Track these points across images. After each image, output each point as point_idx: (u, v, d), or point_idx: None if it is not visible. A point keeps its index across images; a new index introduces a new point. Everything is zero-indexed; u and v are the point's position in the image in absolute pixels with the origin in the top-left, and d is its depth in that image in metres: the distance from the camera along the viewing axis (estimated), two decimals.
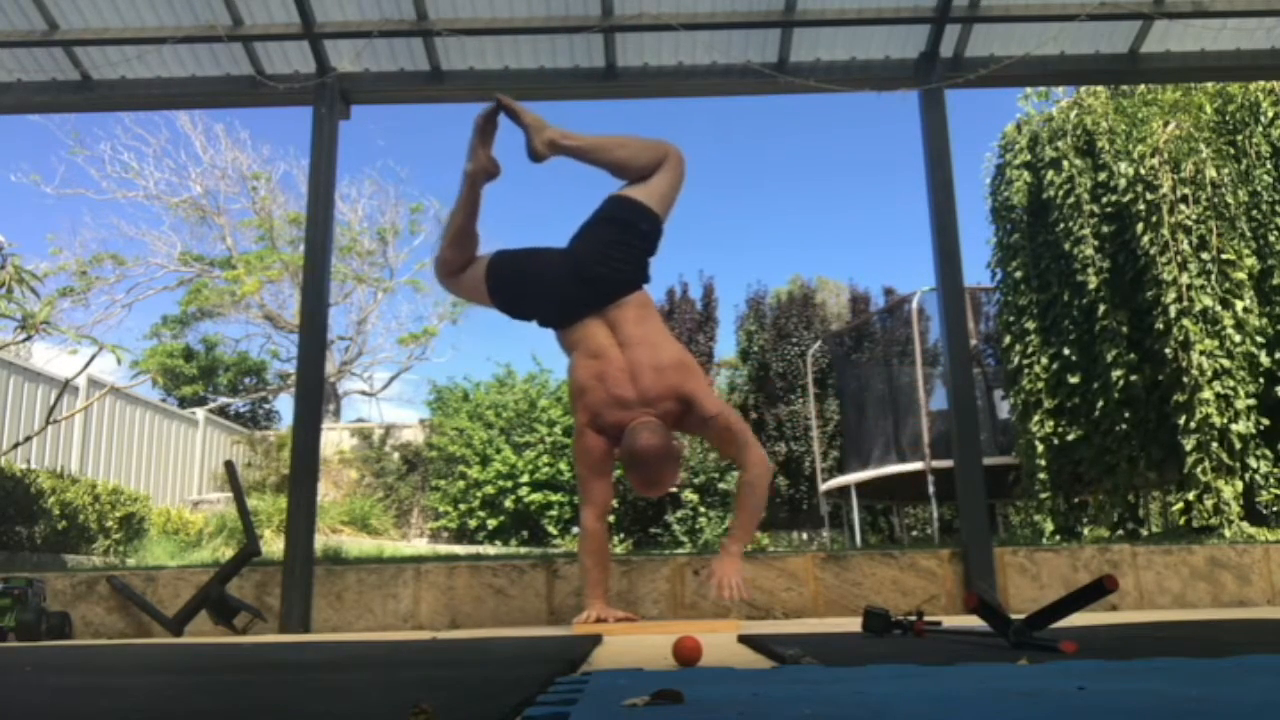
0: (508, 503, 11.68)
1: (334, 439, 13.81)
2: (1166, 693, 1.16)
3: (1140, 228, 6.26)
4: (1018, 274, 7.08)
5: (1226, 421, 5.75)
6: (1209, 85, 6.58)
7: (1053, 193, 6.84)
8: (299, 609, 3.99)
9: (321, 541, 7.00)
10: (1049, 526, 6.89)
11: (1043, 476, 6.80)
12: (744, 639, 2.48)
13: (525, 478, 11.68)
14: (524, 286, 3.55)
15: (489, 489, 11.79)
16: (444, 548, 10.17)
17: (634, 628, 3.22)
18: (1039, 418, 6.82)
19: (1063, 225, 6.75)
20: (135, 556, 8.32)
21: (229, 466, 4.47)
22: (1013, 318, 7.13)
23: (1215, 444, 5.74)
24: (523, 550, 10.55)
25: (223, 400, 17.69)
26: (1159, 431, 6.22)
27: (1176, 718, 0.95)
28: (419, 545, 11.27)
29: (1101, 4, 4.62)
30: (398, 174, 29.73)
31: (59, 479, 8.02)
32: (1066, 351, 6.69)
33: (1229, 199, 6.24)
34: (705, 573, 3.32)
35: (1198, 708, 1.02)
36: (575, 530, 10.29)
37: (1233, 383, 5.83)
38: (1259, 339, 6.00)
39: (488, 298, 3.60)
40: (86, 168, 18.66)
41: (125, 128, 16.99)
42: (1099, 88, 6.84)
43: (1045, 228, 6.96)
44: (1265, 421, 5.86)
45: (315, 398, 4.54)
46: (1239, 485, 5.66)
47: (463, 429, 12.43)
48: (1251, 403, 5.84)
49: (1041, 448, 6.78)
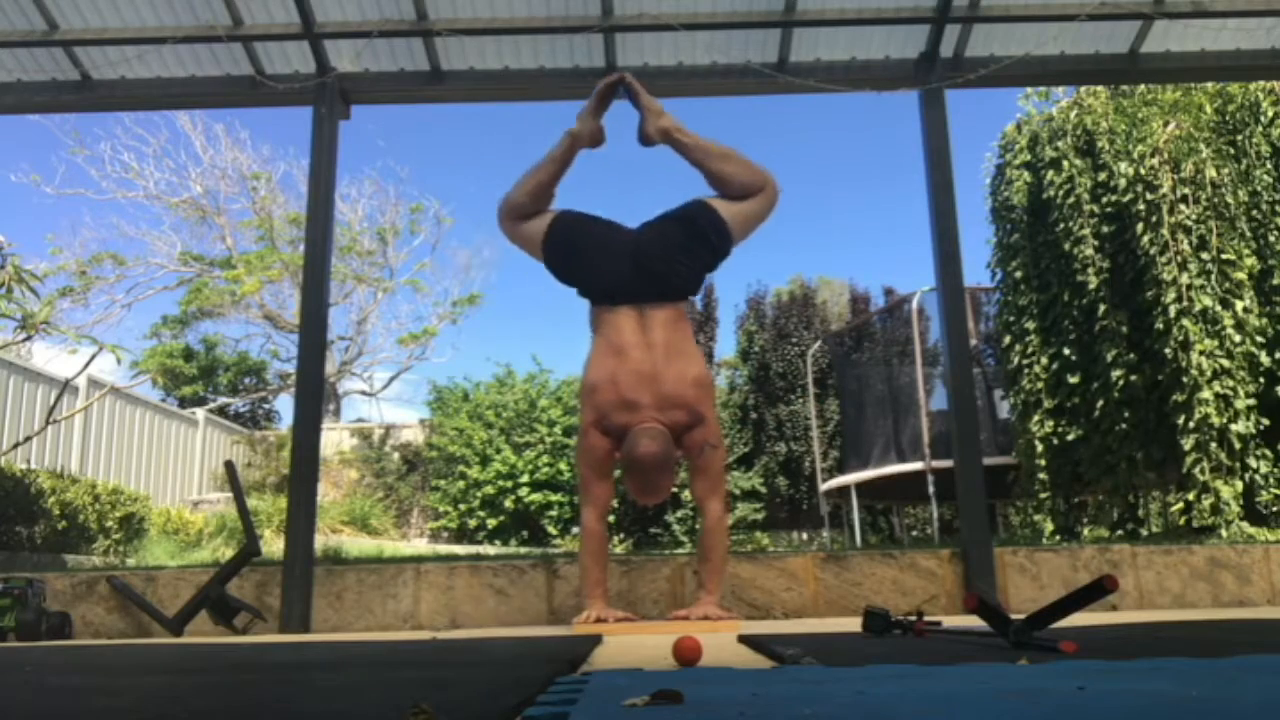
0: (508, 503, 11.69)
1: (334, 439, 13.81)
2: (1166, 693, 1.16)
3: (1140, 228, 6.27)
4: (1018, 274, 7.08)
5: (1226, 421, 5.75)
6: (1209, 85, 6.58)
7: (1053, 193, 6.84)
8: (299, 609, 3.99)
9: (321, 541, 7.00)
10: (1049, 526, 6.89)
11: (1042, 476, 6.80)
12: (744, 639, 2.48)
13: (525, 478, 11.68)
14: (580, 252, 3.54)
15: (489, 489, 11.79)
16: (444, 548, 10.17)
17: (634, 628, 3.22)
18: (1039, 418, 6.82)
19: (1063, 225, 6.76)
20: (135, 556, 8.32)
21: (229, 466, 4.47)
22: (1013, 318, 7.13)
23: (1214, 444, 5.74)
24: (523, 550, 10.55)
25: (223, 400, 17.69)
26: (1159, 431, 6.22)
27: (1176, 718, 0.95)
28: (419, 545, 11.27)
29: (1101, 4, 4.62)
30: (398, 174, 29.71)
31: (59, 479, 8.02)
32: (1066, 351, 6.69)
33: (1229, 199, 6.24)
34: (692, 611, 3.34)
35: (1198, 708, 1.02)
36: (575, 530, 10.30)
37: (1232, 383, 5.83)
38: (1259, 339, 6.00)
39: (540, 251, 3.59)
40: (86, 168, 18.62)
41: (125, 128, 17.00)
42: (1099, 88, 6.84)
43: (1045, 228, 6.96)
44: (1265, 421, 5.86)
45: (315, 398, 4.54)
46: (1239, 485, 5.66)
47: (463, 429, 12.44)
48: (1251, 403, 5.84)
49: (1041, 448, 6.78)
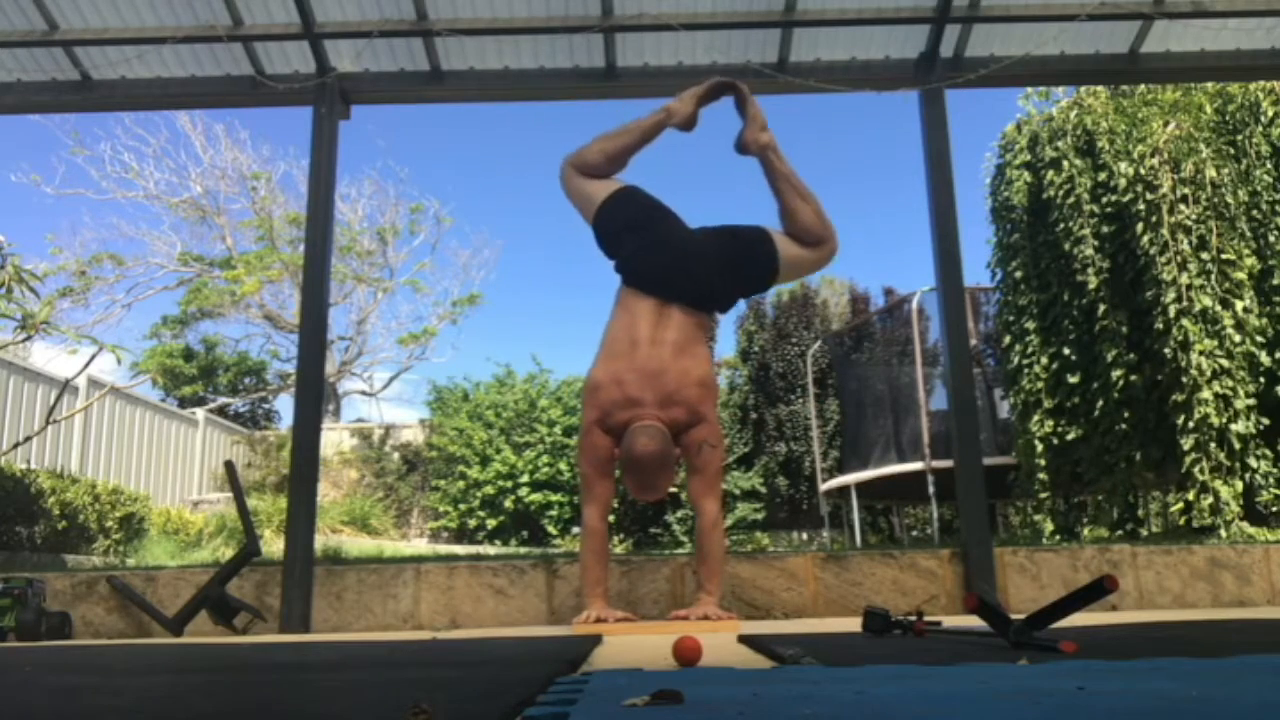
0: (508, 503, 11.69)
1: (334, 439, 13.81)
2: (1166, 693, 1.16)
3: (1140, 228, 6.26)
4: (1018, 274, 7.08)
5: (1225, 421, 5.75)
6: (1209, 85, 6.58)
7: (1053, 193, 6.84)
8: (299, 609, 3.99)
9: (321, 541, 7.00)
10: (1049, 526, 6.89)
11: (1042, 476, 6.80)
12: (744, 639, 2.48)
13: (525, 478, 11.69)
14: (634, 231, 3.56)
15: (489, 489, 11.80)
16: (444, 548, 10.17)
17: (634, 628, 3.22)
18: (1039, 417, 6.82)
19: (1063, 225, 6.75)
20: (135, 556, 8.31)
21: (229, 466, 4.46)
22: (1013, 318, 7.13)
23: (1214, 444, 5.74)
24: (523, 550, 10.55)
25: (223, 400, 17.68)
26: (1158, 431, 6.22)
27: (1176, 718, 0.95)
28: (419, 545, 11.27)
29: (1101, 4, 4.62)
30: (398, 174, 29.72)
31: (59, 479, 8.02)
32: (1066, 351, 6.69)
33: (1229, 199, 6.23)
34: (692, 611, 3.34)
35: (1198, 708, 1.02)
36: (575, 530, 10.31)
37: (1232, 383, 5.83)
38: (1259, 339, 6.00)
39: (593, 210, 3.61)
40: (86, 168, 18.63)
41: (125, 128, 17.00)
42: (1099, 88, 6.84)
43: (1045, 228, 6.96)
44: (1265, 421, 5.85)
45: (315, 398, 4.54)
46: (1238, 485, 5.66)
47: (463, 429, 12.44)
48: (1251, 403, 5.84)
49: (1041, 447, 6.78)
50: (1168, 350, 6.00)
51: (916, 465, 8.36)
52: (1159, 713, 0.99)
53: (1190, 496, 5.77)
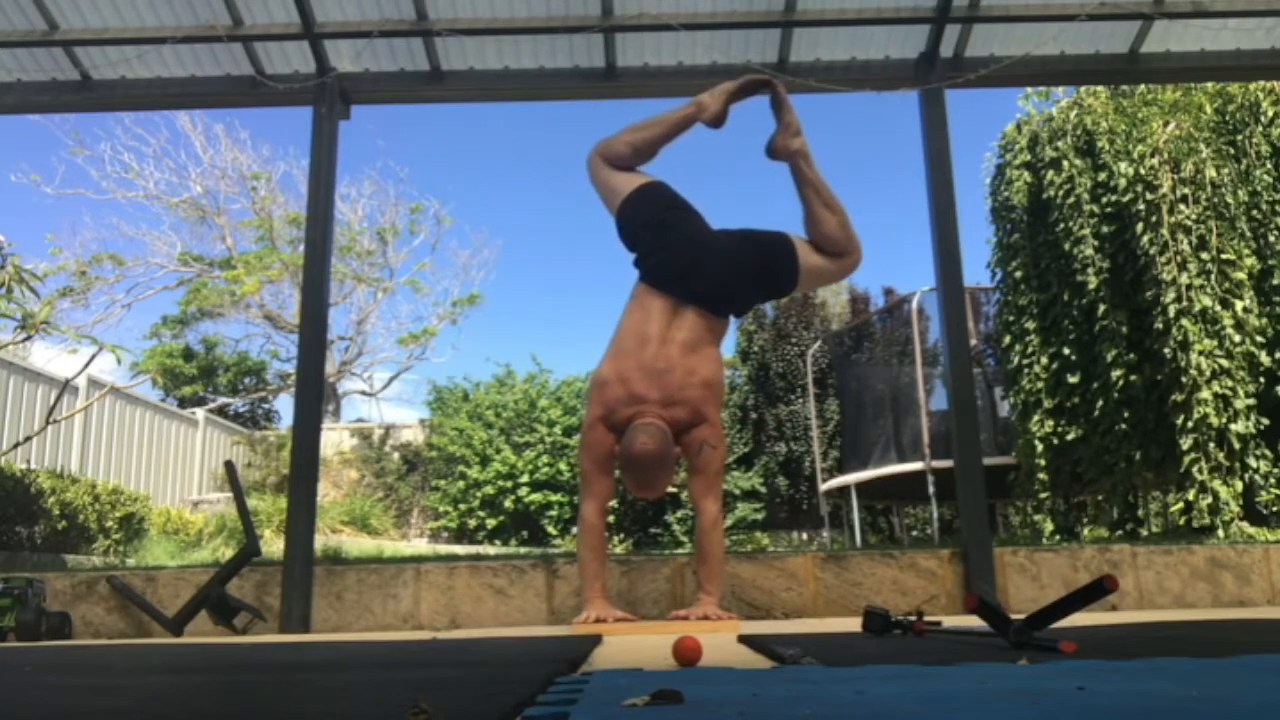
0: (508, 503, 11.69)
1: (334, 439, 13.81)
2: (1166, 693, 1.16)
3: (1140, 228, 6.26)
4: (1018, 274, 7.08)
5: (1225, 421, 5.75)
6: (1209, 85, 6.58)
7: (1053, 193, 6.84)
8: (299, 609, 3.99)
9: (321, 541, 7.00)
10: (1049, 526, 6.89)
11: (1042, 476, 6.80)
12: (744, 639, 2.48)
13: (525, 478, 11.69)
14: (657, 228, 3.54)
15: (489, 489, 11.80)
16: (444, 548, 10.17)
17: (634, 628, 3.22)
18: (1039, 417, 6.82)
19: (1063, 225, 6.76)
20: (135, 556, 8.31)
21: (229, 466, 4.47)
22: (1013, 318, 7.13)
23: (1214, 444, 5.74)
24: (523, 550, 10.55)
25: (222, 400, 17.68)
26: (1158, 431, 6.22)
27: (1176, 718, 0.95)
28: (419, 545, 11.27)
29: (1101, 4, 4.62)
30: (398, 174, 29.69)
31: (59, 479, 8.02)
32: (1066, 351, 6.69)
33: (1229, 199, 6.23)
34: (692, 611, 3.34)
35: (1198, 708, 1.02)
36: (575, 530, 10.29)
37: (1232, 383, 5.83)
38: (1259, 339, 6.00)
39: (618, 203, 3.60)
40: (86, 168, 18.64)
41: (125, 128, 17.00)
42: (1099, 88, 6.84)
43: (1045, 228, 6.96)
44: (1265, 421, 5.85)
45: (315, 398, 4.54)
46: (1238, 485, 5.66)
47: (463, 429, 12.44)
48: (1251, 403, 5.84)
49: (1041, 447, 6.78)
50: (1168, 350, 6.00)
51: (916, 465, 8.36)
52: (1159, 713, 0.99)
53: (1190, 496, 5.77)
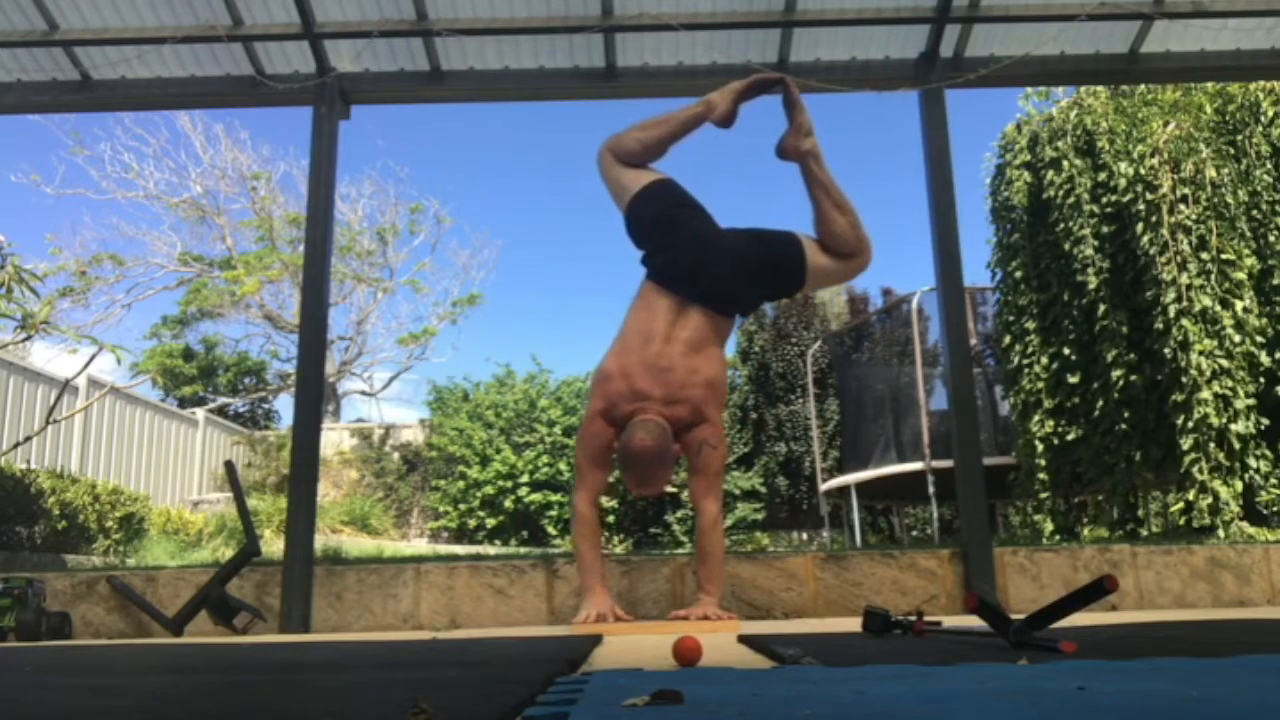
0: (507, 503, 11.69)
1: (334, 439, 13.81)
2: (1166, 693, 1.16)
3: (1140, 228, 6.27)
4: (1018, 274, 7.08)
5: (1225, 421, 5.75)
6: (1209, 85, 6.58)
7: (1053, 193, 6.84)
8: (299, 609, 3.99)
9: (321, 541, 7.00)
10: (1049, 526, 6.89)
11: (1042, 476, 6.80)
12: (744, 639, 2.48)
13: (525, 478, 11.69)
14: (664, 226, 3.53)
15: (489, 489, 11.80)
16: (444, 548, 10.17)
17: (634, 628, 3.22)
18: (1039, 417, 6.82)
19: (1063, 225, 6.76)
20: (135, 556, 8.31)
21: (229, 466, 4.47)
22: (1013, 318, 7.13)
23: (1214, 444, 5.74)
24: (523, 550, 10.55)
25: (222, 400, 17.68)
26: (1158, 431, 6.22)
27: (1176, 718, 0.95)
28: (419, 545, 11.27)
29: (1101, 4, 4.62)
30: (398, 174, 29.67)
31: (59, 479, 8.02)
32: (1066, 351, 6.69)
33: (1229, 199, 6.24)
34: (692, 611, 3.34)
35: (1198, 708, 1.02)
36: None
37: (1232, 383, 5.83)
38: (1259, 339, 6.00)
39: (627, 200, 3.58)
40: (86, 168, 18.64)
41: (125, 128, 17.00)
42: (1099, 88, 6.84)
43: (1045, 228, 6.96)
44: (1265, 421, 5.85)
45: (315, 398, 4.54)
46: (1238, 485, 5.66)
47: (463, 429, 12.44)
48: (1251, 403, 5.84)
49: (1041, 447, 6.78)
50: (1168, 350, 6.00)
51: (916, 465, 8.36)
52: (1159, 713, 0.99)
53: (1190, 496, 5.77)
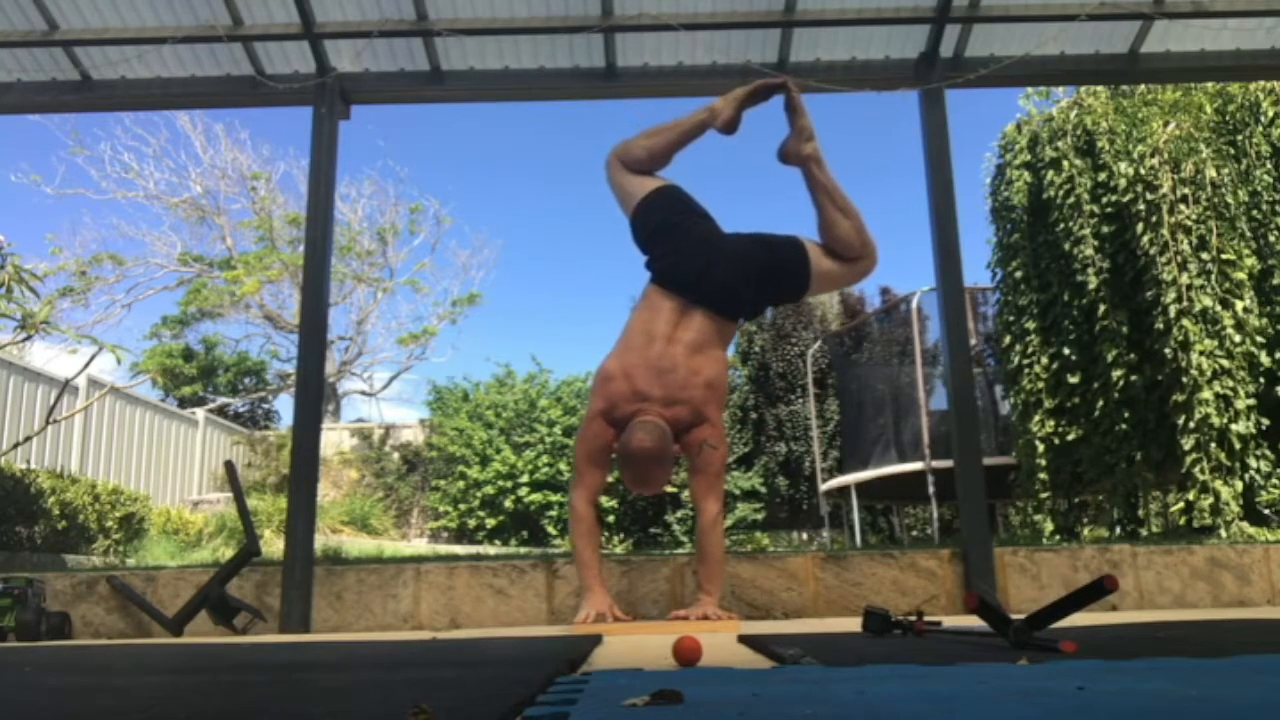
0: (507, 503, 11.69)
1: (334, 439, 13.81)
2: (1166, 693, 1.16)
3: (1140, 228, 6.26)
4: (1018, 274, 7.08)
5: (1226, 421, 5.75)
6: (1209, 85, 6.58)
7: (1053, 193, 6.84)
8: (299, 609, 3.99)
9: (321, 541, 7.00)
10: (1049, 526, 6.89)
11: (1043, 476, 6.80)
12: (744, 639, 2.48)
13: (525, 478, 11.69)
14: (670, 231, 3.54)
15: (489, 489, 11.80)
16: (444, 548, 10.17)
17: (634, 628, 3.22)
18: (1039, 418, 6.82)
19: (1063, 225, 6.75)
20: (135, 556, 8.31)
21: (229, 466, 4.47)
22: (1013, 318, 7.13)
23: (1214, 444, 5.73)
24: (523, 550, 10.55)
25: (222, 400, 17.68)
26: (1158, 431, 6.22)
27: (1176, 718, 0.95)
28: (419, 545, 11.28)
29: (1101, 4, 4.62)
30: (398, 174, 29.70)
31: (59, 479, 8.02)
32: (1066, 351, 6.69)
33: (1229, 199, 6.23)
34: (691, 611, 3.33)
35: (1198, 708, 1.02)
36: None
37: (1232, 383, 5.83)
38: (1259, 339, 6.00)
39: (633, 206, 3.61)
40: (86, 168, 18.65)
41: (125, 128, 17.01)
42: (1099, 88, 6.84)
43: (1045, 228, 6.96)
44: (1265, 421, 5.85)
45: (315, 398, 4.54)
46: (1238, 485, 5.65)
47: (462, 429, 12.44)
48: (1251, 403, 5.83)
49: (1041, 448, 6.78)
50: (1168, 350, 6.00)
51: (916, 465, 8.36)
52: (1159, 713, 0.99)
53: (1190, 496, 5.77)
